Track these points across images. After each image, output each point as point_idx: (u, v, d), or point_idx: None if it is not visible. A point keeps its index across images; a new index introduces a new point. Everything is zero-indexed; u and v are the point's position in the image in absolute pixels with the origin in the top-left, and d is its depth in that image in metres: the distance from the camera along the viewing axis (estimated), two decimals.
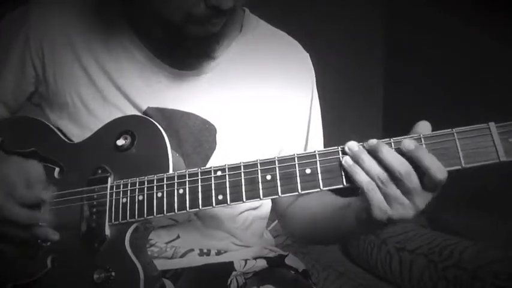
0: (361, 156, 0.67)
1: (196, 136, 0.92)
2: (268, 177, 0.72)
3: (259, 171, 0.72)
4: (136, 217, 0.78)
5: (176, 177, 0.77)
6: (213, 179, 0.74)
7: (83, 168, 0.84)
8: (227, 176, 0.74)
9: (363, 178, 0.67)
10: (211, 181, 0.74)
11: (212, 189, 0.74)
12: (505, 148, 0.63)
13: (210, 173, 0.75)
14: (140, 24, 0.94)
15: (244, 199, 0.72)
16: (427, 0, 2.23)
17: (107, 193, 0.80)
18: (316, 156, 0.70)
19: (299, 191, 0.70)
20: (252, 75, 0.97)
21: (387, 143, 0.67)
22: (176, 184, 0.76)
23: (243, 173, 0.73)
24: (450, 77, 2.18)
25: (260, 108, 0.97)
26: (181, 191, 0.76)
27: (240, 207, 0.98)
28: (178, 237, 0.94)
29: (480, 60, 2.04)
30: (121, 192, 0.80)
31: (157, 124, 0.83)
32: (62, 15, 0.96)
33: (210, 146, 0.93)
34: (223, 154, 0.93)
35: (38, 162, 0.85)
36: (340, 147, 0.70)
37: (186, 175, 0.76)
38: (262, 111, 0.97)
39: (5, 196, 0.79)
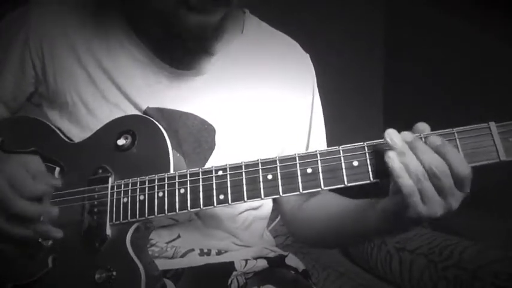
0: (407, 151, 0.65)
1: (196, 136, 0.92)
2: (270, 177, 0.72)
3: (261, 171, 0.72)
4: (138, 217, 0.78)
5: (177, 177, 0.77)
6: (214, 178, 0.74)
7: (83, 168, 0.84)
8: (228, 175, 0.74)
9: (407, 176, 0.64)
10: (213, 181, 0.74)
11: (213, 189, 0.74)
12: (505, 148, 0.63)
13: (211, 172, 0.75)
14: (139, 23, 0.94)
15: (245, 199, 0.72)
16: (427, 0, 2.23)
17: (107, 193, 0.81)
18: (318, 155, 0.70)
19: (300, 190, 0.70)
20: (252, 75, 0.97)
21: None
22: (177, 184, 0.76)
23: (244, 173, 0.73)
24: (450, 77, 2.18)
25: (260, 108, 0.97)
26: (183, 191, 0.76)
27: (240, 207, 0.98)
28: (178, 236, 0.94)
29: (480, 60, 2.04)
30: (122, 192, 0.80)
31: (158, 124, 0.83)
32: (61, 15, 0.96)
33: (209, 146, 0.93)
34: (223, 154, 0.93)
35: (35, 156, 0.85)
36: (341, 147, 0.70)
37: (187, 175, 0.76)
38: (262, 111, 0.97)
39: (10, 189, 0.77)
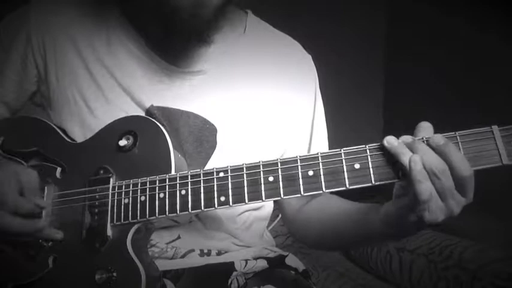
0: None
1: (197, 135, 0.92)
2: (271, 179, 0.72)
3: (262, 173, 0.72)
4: (138, 218, 0.78)
5: (178, 178, 0.77)
6: (215, 180, 0.74)
7: (84, 169, 0.84)
8: (229, 177, 0.74)
9: (429, 181, 0.64)
10: (214, 182, 0.74)
11: (214, 191, 0.74)
12: (508, 152, 0.63)
13: (212, 174, 0.75)
14: (140, 20, 0.94)
15: (246, 200, 0.72)
16: (428, 1, 2.23)
17: (108, 193, 0.81)
18: (319, 158, 0.70)
19: (301, 193, 0.70)
20: (254, 75, 0.97)
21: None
22: (178, 185, 0.76)
23: (245, 175, 0.73)
24: (451, 77, 2.18)
25: (262, 108, 0.97)
26: (184, 192, 0.76)
27: (240, 208, 0.98)
28: (179, 237, 0.94)
29: (480, 60, 2.04)
30: (123, 192, 0.80)
31: (159, 125, 0.83)
32: (62, 13, 0.96)
33: (210, 145, 0.93)
34: (224, 154, 0.93)
35: (32, 170, 0.85)
36: (343, 149, 0.70)
37: (188, 176, 0.76)
38: (264, 111, 0.97)
39: None
